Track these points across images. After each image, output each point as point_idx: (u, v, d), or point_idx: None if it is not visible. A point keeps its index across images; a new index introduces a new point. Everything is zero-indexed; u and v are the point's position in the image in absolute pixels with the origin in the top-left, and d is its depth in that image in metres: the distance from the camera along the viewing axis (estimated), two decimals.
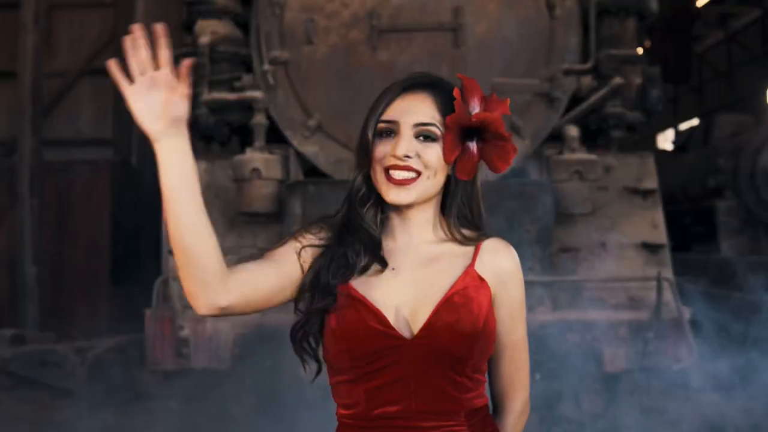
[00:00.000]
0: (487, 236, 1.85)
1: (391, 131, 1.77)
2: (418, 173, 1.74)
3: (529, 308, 5.30)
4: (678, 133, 22.26)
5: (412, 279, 1.77)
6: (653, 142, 23.91)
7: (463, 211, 1.84)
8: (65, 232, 10.76)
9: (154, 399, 6.40)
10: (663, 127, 24.88)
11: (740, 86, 21.23)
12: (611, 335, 5.34)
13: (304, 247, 1.77)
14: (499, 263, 1.82)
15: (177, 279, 5.42)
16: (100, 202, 10.84)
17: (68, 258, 10.73)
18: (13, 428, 6.57)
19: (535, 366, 5.22)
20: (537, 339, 5.19)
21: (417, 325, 1.73)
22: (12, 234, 9.95)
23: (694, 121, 21.68)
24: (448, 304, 1.73)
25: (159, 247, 6.37)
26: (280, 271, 1.74)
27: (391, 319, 1.72)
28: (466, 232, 1.84)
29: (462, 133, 1.78)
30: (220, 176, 6.32)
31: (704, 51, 23.39)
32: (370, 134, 1.79)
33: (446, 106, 1.78)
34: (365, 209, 1.81)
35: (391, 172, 1.74)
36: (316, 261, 1.77)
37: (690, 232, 11.45)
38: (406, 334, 1.72)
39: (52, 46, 11.96)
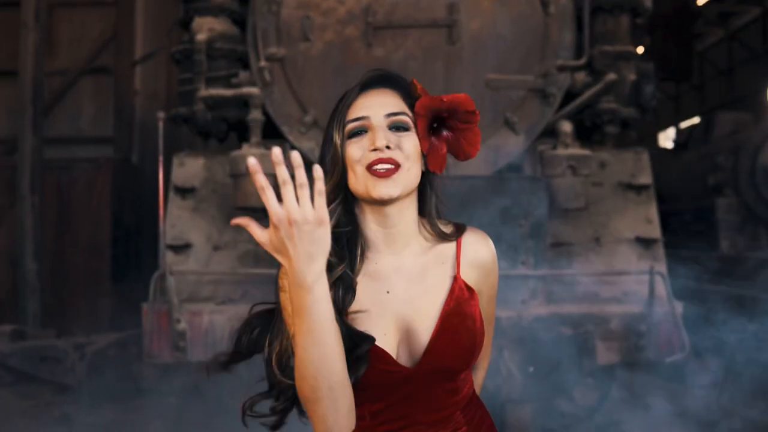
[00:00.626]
0: (462, 228, 1.87)
1: (362, 129, 1.74)
2: (398, 165, 1.71)
3: (523, 302, 5.36)
4: (679, 132, 22.30)
5: (405, 298, 1.77)
6: (655, 140, 23.94)
7: (436, 205, 1.85)
8: (66, 230, 10.78)
9: (153, 394, 6.43)
10: (664, 126, 24.92)
11: (741, 84, 21.24)
12: (604, 329, 5.37)
13: None
14: (481, 256, 1.85)
15: (173, 273, 5.49)
16: (101, 199, 10.86)
17: (69, 255, 10.75)
18: (13, 423, 6.60)
19: (529, 359, 5.26)
20: (531, 332, 5.22)
21: (417, 349, 1.75)
22: (13, 231, 9.99)
23: (696, 120, 21.70)
24: (445, 326, 1.75)
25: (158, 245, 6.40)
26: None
27: (394, 353, 1.74)
28: (443, 227, 1.85)
29: (430, 122, 1.78)
30: (217, 172, 6.36)
31: (705, 49, 23.40)
32: (338, 138, 1.74)
33: (408, 98, 1.79)
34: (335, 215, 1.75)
35: (374, 168, 1.70)
36: None
37: (690, 229, 11.47)
38: (408, 363, 1.75)
39: (52, 45, 12.02)
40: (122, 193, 11.13)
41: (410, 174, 1.73)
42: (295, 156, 1.42)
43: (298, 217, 1.42)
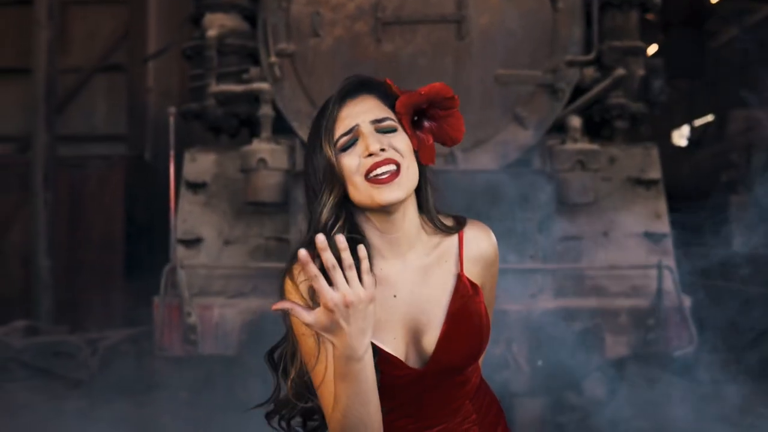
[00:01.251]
0: (463, 221, 1.87)
1: (353, 141, 1.72)
2: (398, 165, 1.70)
3: (532, 296, 5.39)
4: (693, 129, 22.18)
5: (411, 301, 1.78)
6: (668, 137, 23.84)
7: (433, 197, 1.85)
8: (79, 227, 10.80)
9: (165, 387, 6.47)
10: (678, 123, 24.80)
11: (755, 82, 21.10)
12: (613, 323, 5.38)
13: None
14: (483, 250, 1.86)
15: (184, 267, 5.54)
16: (114, 196, 10.88)
17: (82, 252, 10.78)
18: (27, 418, 6.65)
19: (538, 353, 5.28)
20: (539, 326, 5.24)
21: (426, 350, 1.76)
22: (26, 228, 10.05)
23: (709, 117, 21.59)
24: (451, 326, 1.76)
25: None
26: None
27: (403, 356, 1.75)
28: (444, 220, 1.85)
29: (413, 117, 1.78)
30: (228, 167, 6.40)
31: (719, 47, 23.27)
32: (331, 154, 1.72)
33: (387, 99, 1.78)
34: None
35: (373, 173, 1.69)
36: None
37: (703, 227, 11.43)
38: (418, 364, 1.76)
39: (66, 42, 12.04)
40: (135, 190, 11.14)
41: (410, 172, 1.72)
42: (340, 239, 1.48)
43: (353, 299, 1.48)
